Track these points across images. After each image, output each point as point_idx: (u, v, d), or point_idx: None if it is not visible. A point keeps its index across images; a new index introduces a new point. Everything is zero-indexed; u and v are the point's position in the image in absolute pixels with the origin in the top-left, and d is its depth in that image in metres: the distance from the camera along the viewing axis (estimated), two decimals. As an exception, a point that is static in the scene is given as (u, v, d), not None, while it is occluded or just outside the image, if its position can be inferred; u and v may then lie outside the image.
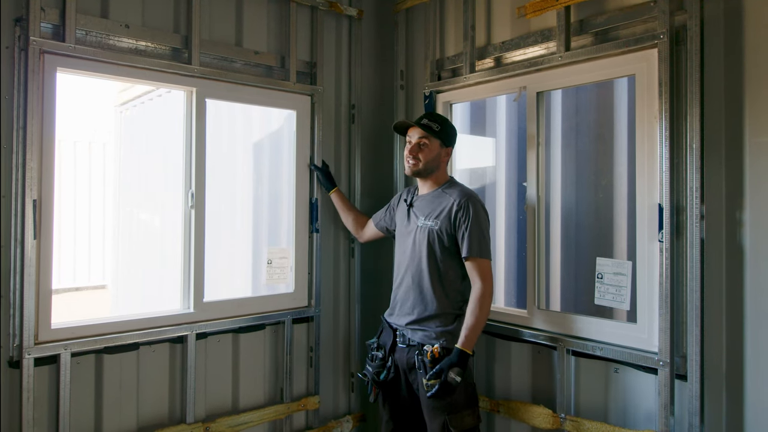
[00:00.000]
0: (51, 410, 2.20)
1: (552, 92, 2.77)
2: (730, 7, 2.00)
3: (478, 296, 2.27)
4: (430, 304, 2.35)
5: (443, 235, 2.35)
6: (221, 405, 2.67)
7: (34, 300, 2.13)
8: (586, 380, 2.36)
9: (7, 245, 2.11)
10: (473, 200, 2.36)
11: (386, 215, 2.75)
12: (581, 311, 2.79)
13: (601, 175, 3.11)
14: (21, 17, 2.13)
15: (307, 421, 2.95)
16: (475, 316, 2.25)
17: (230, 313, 2.68)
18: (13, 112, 2.12)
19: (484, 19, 2.78)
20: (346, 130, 3.19)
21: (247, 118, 3.46)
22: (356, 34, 3.18)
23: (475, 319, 2.24)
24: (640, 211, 2.20)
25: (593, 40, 2.37)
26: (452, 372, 2.16)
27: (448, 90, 2.92)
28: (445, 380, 2.16)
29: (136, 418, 2.42)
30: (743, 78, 1.97)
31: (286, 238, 3.07)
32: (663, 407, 2.06)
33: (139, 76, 2.43)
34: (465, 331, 2.23)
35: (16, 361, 2.11)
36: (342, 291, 3.16)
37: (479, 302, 2.26)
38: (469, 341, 2.22)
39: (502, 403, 2.60)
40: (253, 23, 2.78)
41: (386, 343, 2.47)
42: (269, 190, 3.36)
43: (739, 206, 1.98)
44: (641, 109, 2.20)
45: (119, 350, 2.36)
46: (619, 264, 2.31)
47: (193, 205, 2.57)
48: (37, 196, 2.14)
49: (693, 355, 2.01)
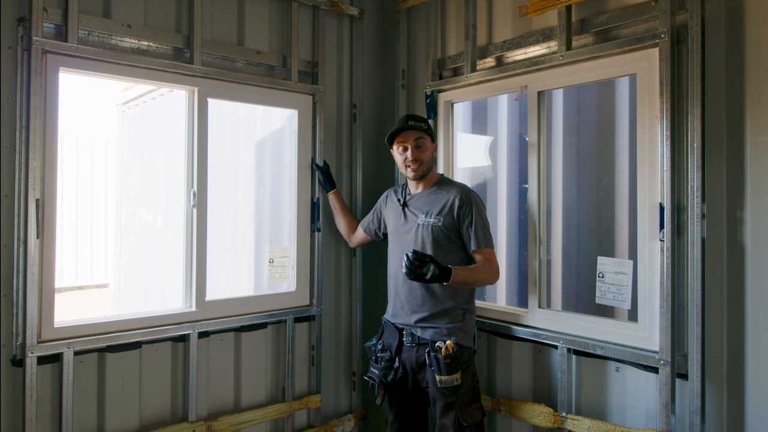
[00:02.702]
0: (54, 408, 2.21)
1: (553, 91, 2.77)
2: (731, 7, 2.00)
3: (485, 264, 2.36)
4: (439, 301, 2.38)
5: (448, 231, 2.40)
6: (223, 403, 2.68)
7: (37, 299, 2.14)
8: (587, 379, 2.37)
9: (10, 244, 2.12)
10: (473, 195, 2.45)
11: (373, 219, 2.79)
12: (582, 310, 2.79)
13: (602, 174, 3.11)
14: (24, 17, 2.14)
15: (308, 419, 2.96)
16: (475, 267, 2.35)
17: (232, 311, 2.69)
18: (16, 112, 2.13)
19: (485, 19, 2.79)
20: (348, 129, 3.19)
21: (249, 117, 3.46)
22: (358, 34, 3.18)
23: (474, 268, 2.35)
24: (641, 210, 2.20)
25: (594, 39, 2.37)
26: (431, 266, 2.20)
27: (450, 89, 2.93)
28: (422, 262, 2.20)
29: (138, 416, 2.43)
30: (744, 77, 1.97)
31: (287, 237, 3.07)
32: (664, 406, 2.06)
33: (141, 75, 2.44)
34: (463, 267, 2.32)
35: (19, 359, 2.12)
36: (344, 290, 3.16)
37: (484, 265, 2.36)
38: (460, 275, 2.28)
39: (504, 402, 2.60)
40: (254, 23, 2.79)
41: (392, 344, 2.48)
42: (271, 190, 3.37)
43: (740, 205, 1.98)
44: (642, 108, 2.20)
45: (122, 349, 2.37)
46: (621, 263, 2.31)
47: (195, 204, 2.57)
48: (39, 196, 2.15)
49: (694, 353, 2.01)
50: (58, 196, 2.23)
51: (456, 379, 2.24)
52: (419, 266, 2.19)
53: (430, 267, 2.20)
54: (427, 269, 2.19)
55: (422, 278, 2.21)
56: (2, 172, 2.10)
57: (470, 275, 2.33)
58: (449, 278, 2.24)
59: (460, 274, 2.28)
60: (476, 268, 2.35)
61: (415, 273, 2.20)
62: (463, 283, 2.33)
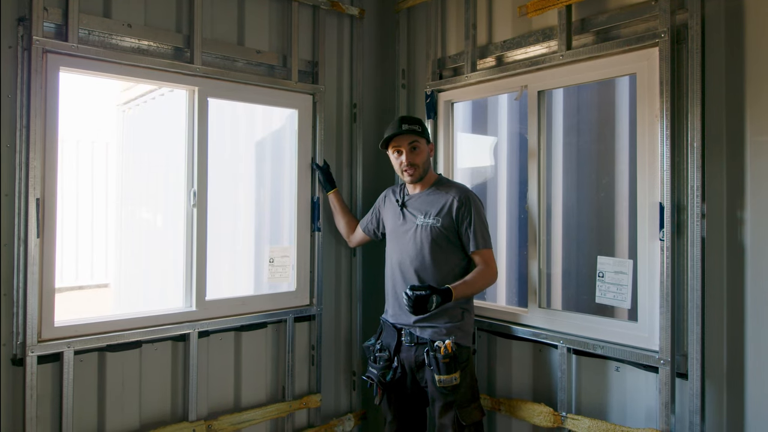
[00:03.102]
0: (54, 408, 2.21)
1: (553, 91, 2.77)
2: (731, 6, 2.00)
3: (482, 269, 2.39)
4: None
5: (447, 231, 2.40)
6: (223, 403, 2.68)
7: (38, 298, 2.14)
8: (587, 378, 2.37)
9: (11, 244, 2.12)
10: (472, 195, 2.45)
11: (372, 219, 2.80)
12: (582, 310, 2.79)
13: (602, 174, 3.11)
14: (24, 17, 2.14)
15: (308, 419, 2.96)
16: (473, 277, 2.36)
17: (232, 311, 2.69)
18: (16, 111, 2.13)
19: (485, 18, 2.79)
20: (348, 129, 3.20)
21: (249, 117, 3.46)
22: (358, 33, 3.19)
23: (472, 279, 2.35)
24: (641, 210, 2.20)
25: (594, 38, 2.37)
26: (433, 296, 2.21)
27: (450, 89, 2.93)
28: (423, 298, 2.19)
29: (138, 415, 2.43)
30: (744, 77, 1.97)
31: (287, 237, 3.07)
32: (664, 405, 2.06)
33: (141, 75, 2.44)
34: (462, 282, 2.32)
35: (19, 358, 2.12)
36: (344, 289, 3.16)
37: (482, 272, 2.39)
38: (460, 290, 2.30)
39: (503, 402, 2.60)
40: (254, 22, 2.79)
41: (390, 344, 2.48)
42: (271, 189, 3.37)
43: (740, 205, 1.98)
44: (642, 107, 2.20)
45: (122, 348, 2.37)
46: (620, 262, 2.31)
47: (196, 203, 2.57)
48: (40, 195, 2.15)
49: (694, 353, 2.01)
50: (58, 196, 2.23)
51: (455, 378, 2.25)
52: (422, 300, 2.19)
53: (432, 299, 2.20)
54: (430, 303, 2.20)
55: (427, 311, 2.22)
56: (3, 172, 2.11)
57: (469, 288, 2.35)
58: (451, 299, 2.26)
59: (460, 291, 2.30)
60: (474, 278, 2.36)
61: (419, 309, 2.20)
62: (471, 291, 2.37)
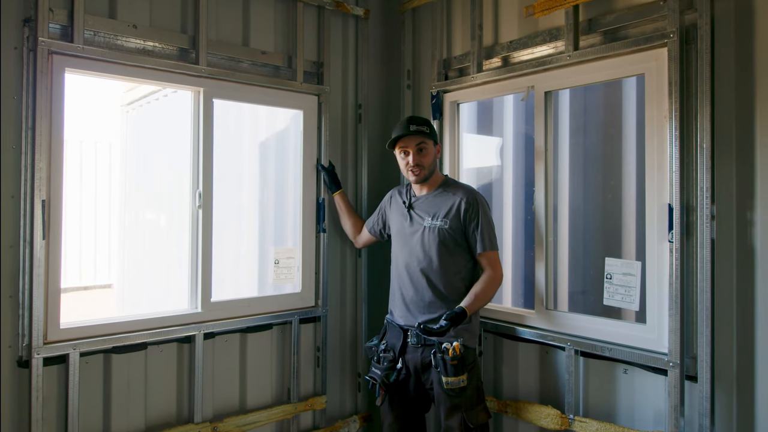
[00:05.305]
0: (60, 410, 2.21)
1: (560, 92, 2.76)
2: (741, 6, 1.98)
3: (489, 276, 2.39)
4: (446, 302, 2.39)
5: (454, 233, 2.41)
6: (229, 405, 2.68)
7: (43, 300, 2.14)
8: (595, 381, 2.35)
9: (17, 245, 2.12)
10: (479, 197, 2.46)
11: (378, 219, 2.79)
12: (589, 312, 2.77)
13: (609, 175, 3.09)
14: (29, 18, 2.13)
15: (314, 420, 2.95)
16: (482, 289, 2.36)
17: (237, 312, 2.68)
18: (22, 113, 2.12)
19: (491, 19, 2.77)
20: (353, 129, 3.19)
21: (254, 117, 3.45)
22: (363, 34, 3.18)
23: (482, 291, 2.36)
24: (650, 211, 2.19)
25: (602, 39, 2.36)
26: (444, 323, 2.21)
27: (455, 89, 2.92)
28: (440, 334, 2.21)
29: (144, 417, 2.43)
30: (754, 77, 1.95)
31: (292, 238, 3.07)
32: (673, 408, 2.05)
33: (146, 76, 2.43)
34: (472, 296, 2.33)
35: (25, 360, 2.12)
36: (349, 291, 3.15)
37: (489, 281, 2.38)
38: (472, 306, 2.31)
39: (510, 404, 2.59)
40: (259, 23, 2.78)
41: (396, 345, 2.47)
42: (276, 190, 3.37)
43: (750, 206, 1.96)
44: (651, 108, 2.19)
45: (127, 350, 2.37)
46: (629, 264, 2.30)
47: (201, 205, 2.57)
48: (46, 197, 2.15)
49: (703, 356, 2.00)
50: (63, 197, 2.22)
51: (462, 380, 2.24)
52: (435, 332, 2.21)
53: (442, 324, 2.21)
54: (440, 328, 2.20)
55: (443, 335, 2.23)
56: (8, 173, 2.10)
57: (480, 302, 2.36)
58: (466, 314, 2.28)
59: (474, 304, 2.32)
60: (483, 289, 2.36)
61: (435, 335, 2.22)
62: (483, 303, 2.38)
